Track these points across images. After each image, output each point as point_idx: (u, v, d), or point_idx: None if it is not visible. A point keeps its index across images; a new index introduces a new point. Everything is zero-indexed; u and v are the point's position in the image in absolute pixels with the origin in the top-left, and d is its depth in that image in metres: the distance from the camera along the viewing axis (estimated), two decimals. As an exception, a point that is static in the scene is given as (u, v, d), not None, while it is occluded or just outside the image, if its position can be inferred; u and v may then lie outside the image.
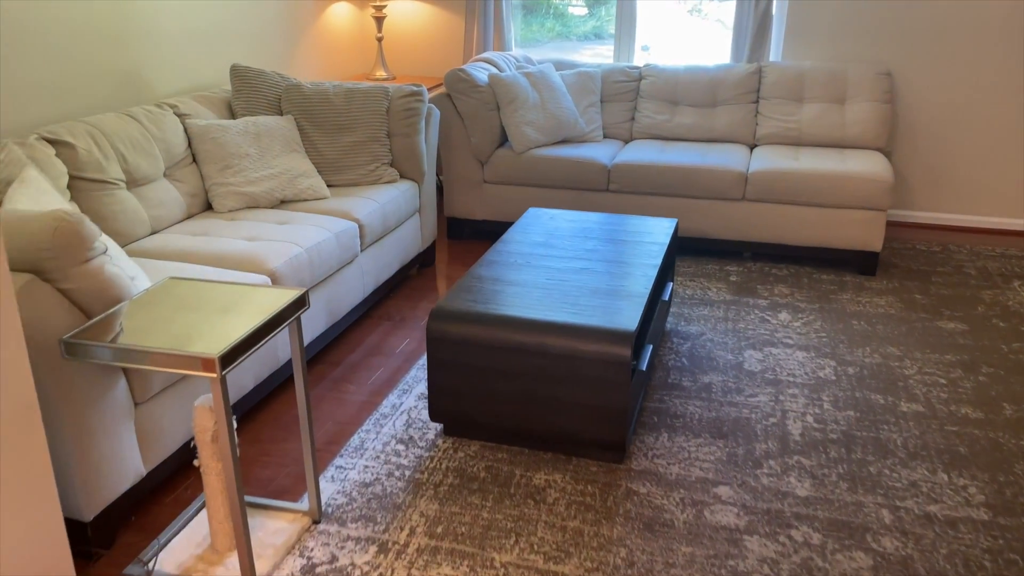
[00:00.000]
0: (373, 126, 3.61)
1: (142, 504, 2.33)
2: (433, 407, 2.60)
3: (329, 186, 3.59)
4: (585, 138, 4.45)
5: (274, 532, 2.18)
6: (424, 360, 3.15)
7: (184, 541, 2.14)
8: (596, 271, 2.80)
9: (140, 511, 2.31)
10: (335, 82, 3.72)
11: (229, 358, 1.76)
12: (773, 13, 4.50)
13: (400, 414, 2.78)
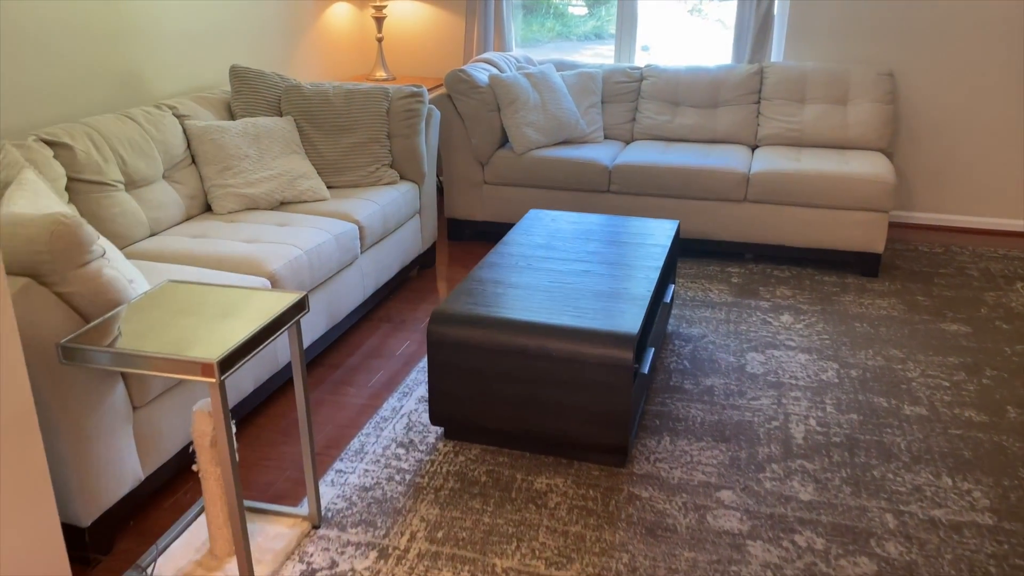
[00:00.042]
0: (373, 127, 3.60)
1: (140, 509, 2.32)
2: (434, 411, 2.58)
3: (329, 187, 3.57)
4: (586, 139, 4.44)
5: (273, 537, 2.16)
6: (424, 362, 3.14)
7: (183, 546, 2.13)
8: (598, 273, 2.78)
9: (138, 516, 2.29)
10: (335, 83, 3.70)
11: (228, 363, 1.74)
12: (775, 13, 4.48)
13: (400, 417, 2.76)
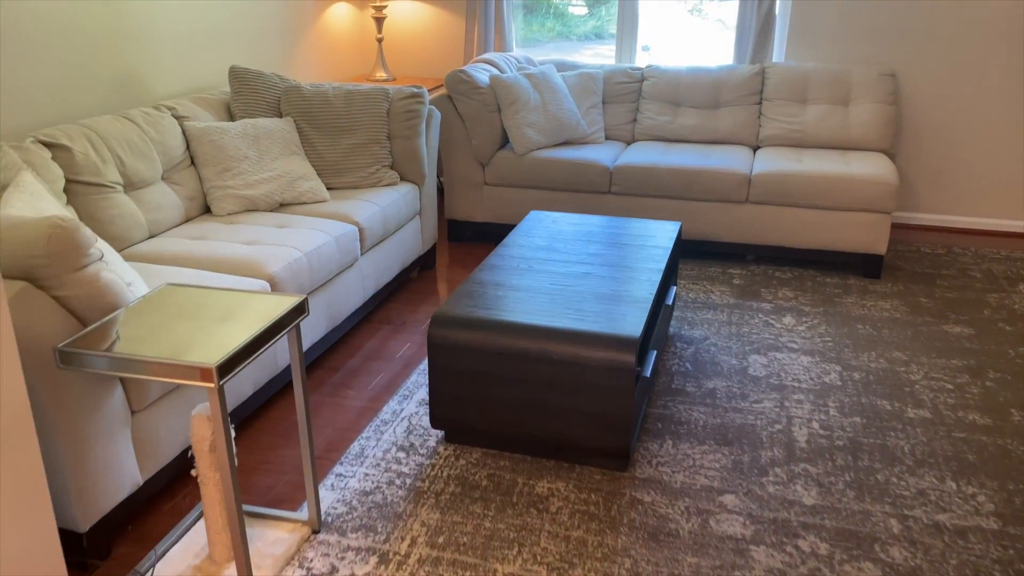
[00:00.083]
0: (373, 128, 3.58)
1: (139, 514, 2.30)
2: (434, 414, 2.56)
3: (329, 189, 3.55)
4: (587, 140, 4.42)
5: (273, 542, 2.15)
6: (425, 365, 3.12)
7: (182, 551, 2.11)
8: (599, 276, 2.76)
9: (137, 521, 2.27)
10: (335, 84, 3.69)
11: (227, 368, 1.73)
12: (776, 13, 4.47)
13: (401, 420, 2.74)
